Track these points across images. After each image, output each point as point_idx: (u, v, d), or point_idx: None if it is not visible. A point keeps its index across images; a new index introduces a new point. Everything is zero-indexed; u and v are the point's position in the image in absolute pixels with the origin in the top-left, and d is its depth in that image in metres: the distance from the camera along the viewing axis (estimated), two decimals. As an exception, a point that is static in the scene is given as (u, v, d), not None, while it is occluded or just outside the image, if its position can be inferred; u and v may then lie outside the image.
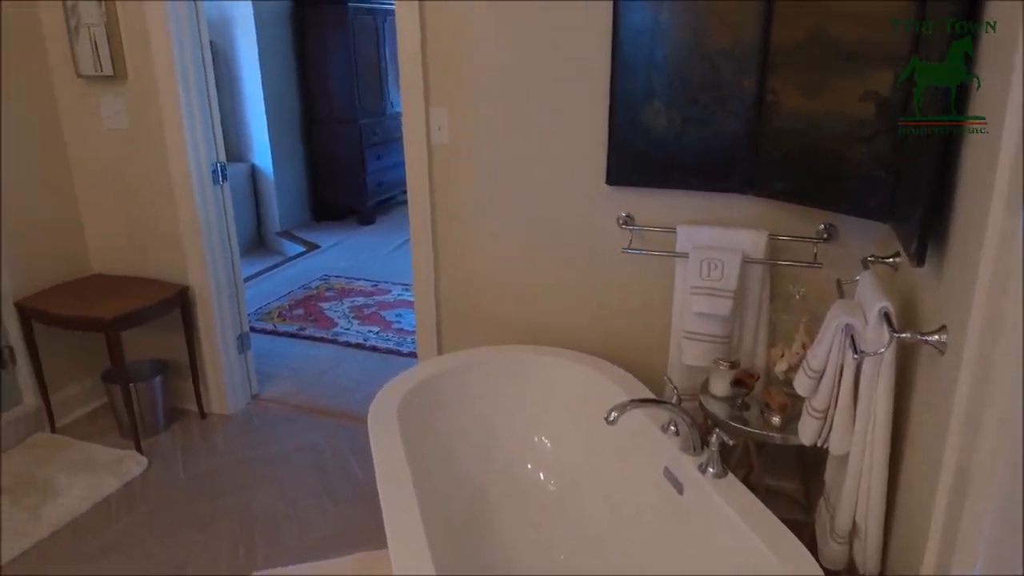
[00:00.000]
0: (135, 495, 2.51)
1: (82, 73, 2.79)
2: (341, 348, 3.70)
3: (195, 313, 2.90)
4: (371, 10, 5.82)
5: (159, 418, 2.88)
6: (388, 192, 6.30)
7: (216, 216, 2.90)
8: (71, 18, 2.74)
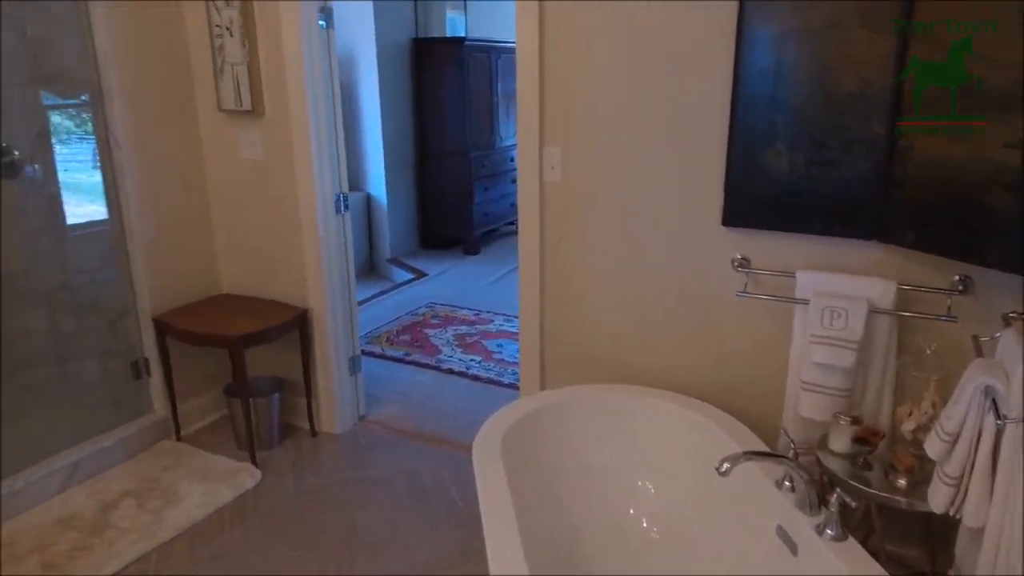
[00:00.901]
0: (248, 506, 2.63)
1: (224, 108, 3.02)
2: (444, 375, 3.77)
3: (312, 335, 3.04)
4: (486, 48, 6.02)
5: (273, 433, 3.03)
6: (493, 223, 6.43)
7: (336, 243, 3.05)
8: (217, 58, 2.99)
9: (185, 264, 3.11)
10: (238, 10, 2.85)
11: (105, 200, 3.10)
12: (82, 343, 3.32)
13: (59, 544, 2.38)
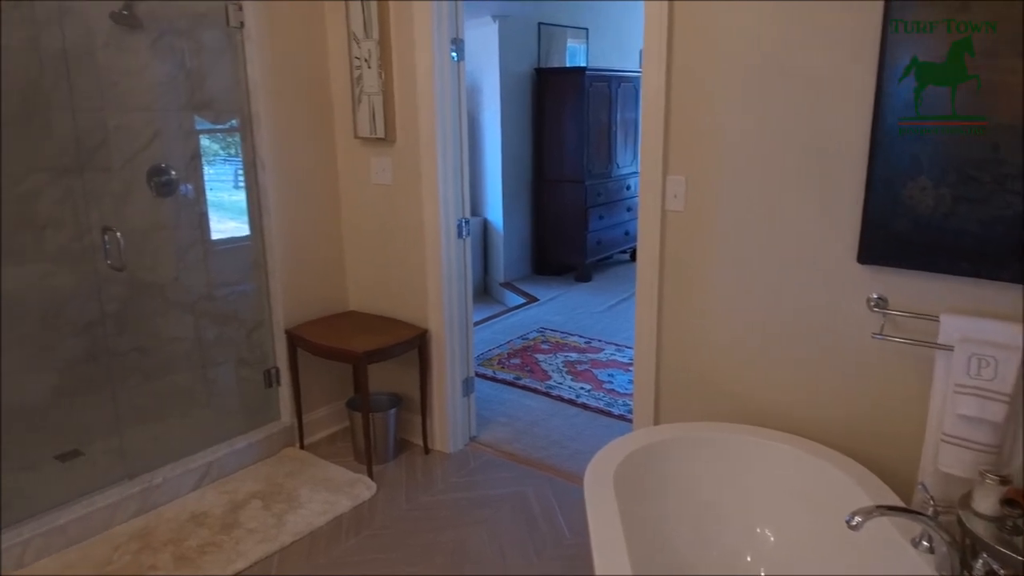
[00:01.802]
0: (363, 517, 2.73)
1: (359, 135, 3.19)
2: (553, 401, 3.77)
3: (430, 354, 3.14)
4: (606, 77, 6.05)
5: (389, 448, 3.13)
6: (607, 251, 6.41)
7: (457, 267, 3.13)
8: (356, 88, 3.17)
9: (316, 281, 3.29)
10: (376, 43, 3.02)
11: (248, 218, 3.34)
12: (221, 351, 3.57)
13: (191, 539, 2.55)
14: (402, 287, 3.22)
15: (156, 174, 3.45)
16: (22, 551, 2.39)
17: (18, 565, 2.38)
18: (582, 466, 3.03)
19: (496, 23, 5.61)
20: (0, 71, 3.13)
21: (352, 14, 3.07)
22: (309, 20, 3.13)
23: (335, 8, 3.13)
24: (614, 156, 6.30)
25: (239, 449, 3.03)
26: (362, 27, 3.05)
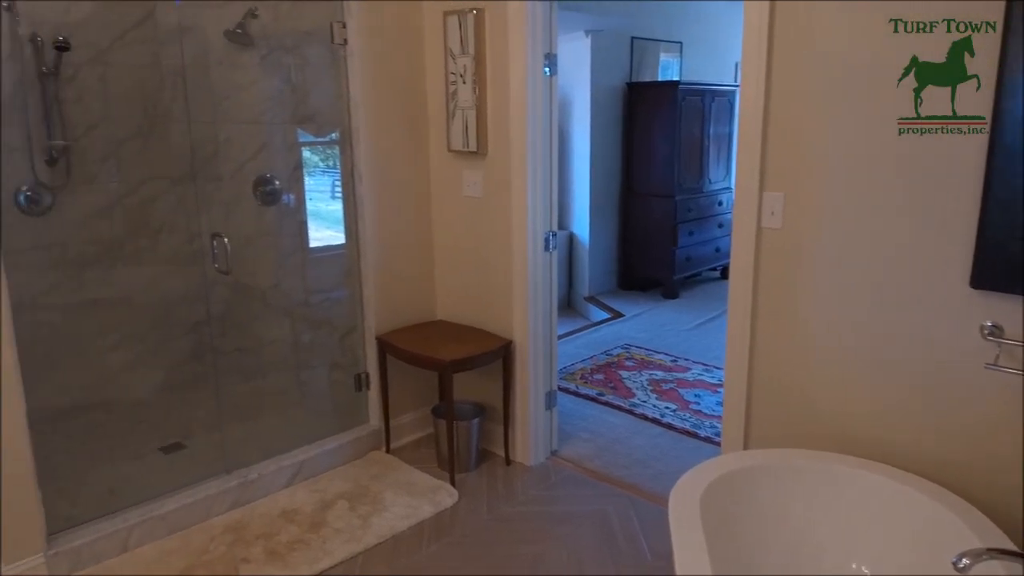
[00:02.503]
0: (444, 525, 2.76)
1: (452, 148, 3.26)
2: (637, 420, 3.71)
3: (514, 366, 3.15)
4: (700, 91, 5.95)
5: (472, 457, 3.16)
6: (695, 268, 6.27)
7: (543, 280, 3.14)
8: (450, 103, 3.24)
9: (407, 289, 3.37)
10: (472, 59, 3.08)
11: (344, 228, 3.47)
12: (315, 354, 3.72)
13: (281, 535, 2.65)
14: (488, 298, 3.25)
15: (262, 184, 3.63)
16: (127, 536, 2.54)
17: (123, 549, 2.53)
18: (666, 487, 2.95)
19: (588, 38, 5.62)
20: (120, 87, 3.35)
21: (449, 31, 3.15)
22: (408, 37, 3.23)
23: (434, 25, 3.22)
24: (706, 171, 6.18)
25: (329, 450, 3.13)
26: (459, 43, 3.12)
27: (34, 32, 3.13)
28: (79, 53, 3.26)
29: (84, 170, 3.34)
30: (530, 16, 2.90)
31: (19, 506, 2.32)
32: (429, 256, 3.45)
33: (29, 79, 3.14)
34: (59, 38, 3.16)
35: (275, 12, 3.44)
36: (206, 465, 2.95)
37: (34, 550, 2.36)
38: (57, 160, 3.24)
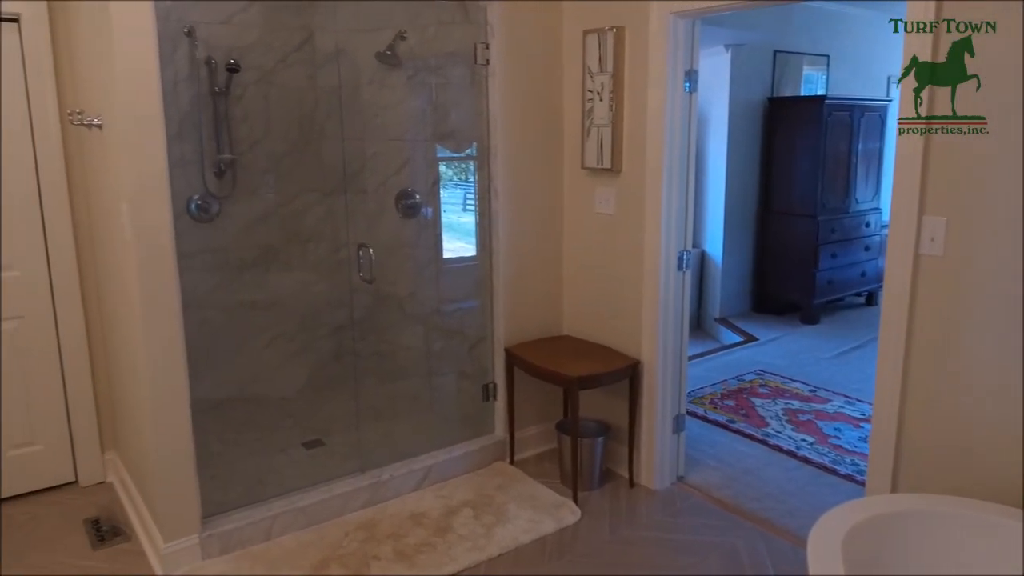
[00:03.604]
0: (566, 542, 2.75)
1: (586, 165, 3.26)
2: (770, 451, 3.53)
3: (641, 387, 3.10)
4: (848, 106, 5.63)
5: (595, 475, 3.13)
6: (838, 292, 5.91)
7: (675, 299, 3.07)
8: (586, 120, 3.25)
9: (536, 303, 3.41)
10: (610, 76, 3.08)
11: (475, 240, 3.56)
12: (445, 362, 3.83)
13: (410, 537, 2.74)
14: (617, 316, 3.22)
15: (403, 197, 3.81)
16: (270, 524, 2.72)
17: (266, 536, 2.71)
18: (801, 525, 2.81)
19: (729, 52, 5.46)
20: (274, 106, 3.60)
21: (588, 49, 3.17)
22: (547, 56, 3.27)
23: (572, 44, 3.25)
24: (852, 190, 5.82)
25: (455, 457, 3.21)
26: (597, 61, 3.13)
27: (209, 55, 3.46)
28: (247, 75, 3.57)
29: (247, 182, 3.65)
30: (672, 33, 2.87)
31: (180, 488, 2.54)
32: (558, 271, 3.47)
33: (203, 98, 3.47)
34: (230, 61, 3.48)
35: (422, 35, 3.61)
36: (342, 463, 3.10)
37: (190, 531, 2.57)
38: (224, 172, 3.56)
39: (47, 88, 2.91)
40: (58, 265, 3.03)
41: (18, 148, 2.91)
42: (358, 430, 3.23)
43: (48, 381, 3.08)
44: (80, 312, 3.10)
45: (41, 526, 2.88)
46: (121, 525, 2.87)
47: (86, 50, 2.73)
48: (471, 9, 3.20)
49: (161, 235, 2.41)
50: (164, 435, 2.49)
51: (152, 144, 2.37)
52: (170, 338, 2.46)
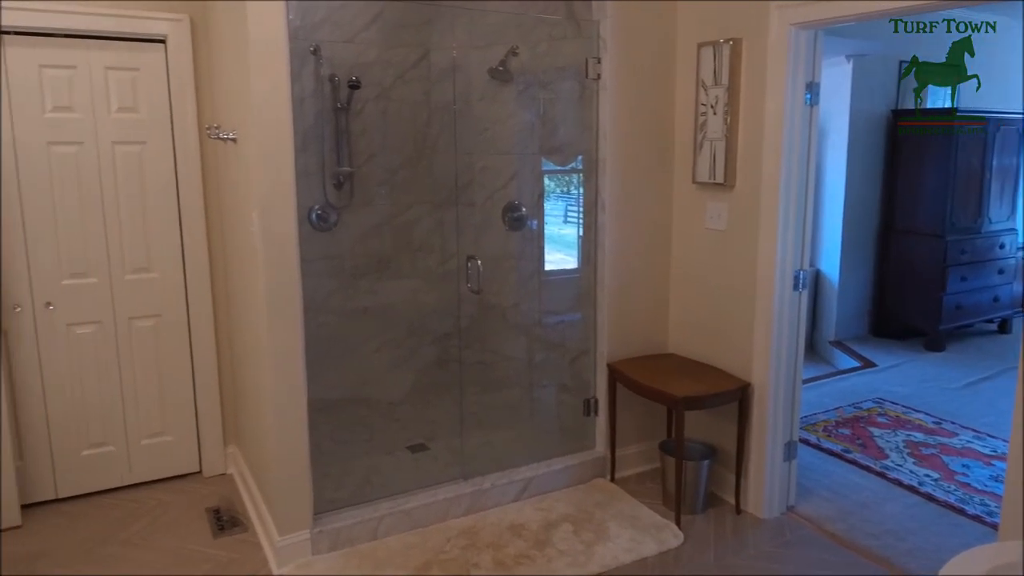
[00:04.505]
0: (668, 565, 2.68)
1: (697, 180, 3.20)
2: (889, 485, 3.32)
3: (751, 410, 2.99)
4: (983, 118, 5.24)
5: (699, 499, 3.04)
6: (967, 318, 5.50)
7: (789, 321, 2.95)
8: (698, 134, 3.18)
9: (640, 319, 3.36)
10: (725, 89, 3.01)
11: (577, 253, 3.55)
12: (546, 374, 3.84)
13: (509, 547, 2.75)
14: (726, 336, 3.12)
15: (510, 210, 3.86)
16: (377, 525, 2.80)
17: (372, 536, 2.79)
18: (924, 566, 2.63)
19: (850, 63, 5.21)
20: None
21: (703, 62, 3.11)
22: (659, 70, 3.24)
23: (686, 57, 3.20)
24: (985, 209, 5.41)
25: (555, 471, 3.20)
26: (711, 74, 3.07)
27: (333, 73, 3.65)
28: (366, 91, 3.74)
29: (363, 193, 3.81)
30: (792, 44, 2.77)
31: (295, 484, 2.66)
32: (665, 287, 3.41)
33: (326, 114, 3.65)
34: (352, 78, 3.65)
35: (533, 50, 3.66)
36: (445, 469, 3.16)
37: (303, 526, 2.69)
38: (343, 184, 3.73)
39: (188, 104, 3.15)
40: (192, 268, 3.25)
41: (161, 160, 3.16)
42: (461, 437, 3.28)
43: (180, 376, 3.32)
44: (210, 312, 3.32)
45: (167, 512, 3.08)
46: (240, 516, 3.03)
47: (224, 68, 2.94)
48: (584, 25, 3.21)
49: (287, 243, 2.55)
50: (283, 432, 2.62)
51: (282, 157, 2.51)
52: (291, 339, 2.59)
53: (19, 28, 2.85)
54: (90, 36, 2.96)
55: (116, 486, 3.25)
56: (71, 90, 2.97)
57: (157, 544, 2.83)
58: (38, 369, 3.05)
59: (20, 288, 2.98)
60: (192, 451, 3.39)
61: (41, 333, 3.04)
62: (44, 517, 3.03)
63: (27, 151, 2.93)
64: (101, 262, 3.10)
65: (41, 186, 2.96)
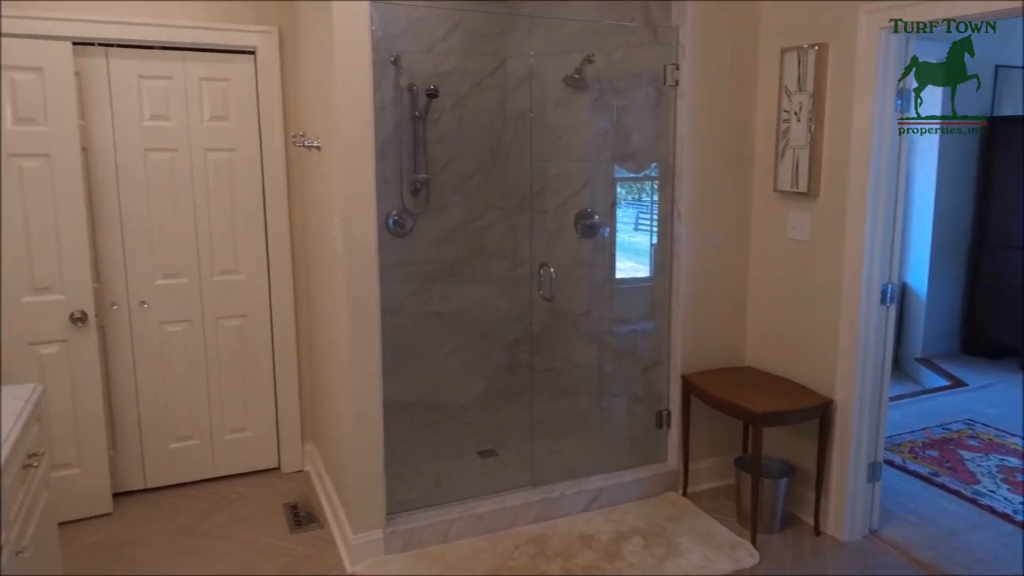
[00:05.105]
0: (741, 585, 2.61)
1: (778, 189, 3.11)
2: (981, 512, 3.14)
3: (834, 428, 2.88)
4: (1090, 125, 4.92)
5: (776, 518, 2.95)
6: (1067, 338, 5.16)
7: (876, 336, 2.83)
8: (780, 141, 3.10)
9: (716, 330, 3.28)
10: (810, 95, 2.92)
11: (649, 261, 3.50)
12: (616, 384, 3.80)
13: (578, 558, 2.73)
14: (807, 350, 3.02)
15: (583, 218, 3.85)
16: (447, 528, 2.83)
17: (443, 539, 2.82)
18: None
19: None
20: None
21: (786, 67, 3.03)
22: (740, 75, 3.17)
23: (769, 62, 3.12)
24: (1091, 222, 5.07)
25: (626, 482, 3.16)
26: (795, 80, 2.98)
27: (411, 82, 3.72)
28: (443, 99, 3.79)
29: (439, 200, 3.86)
30: (882, 49, 2.67)
31: (370, 484, 2.72)
32: (742, 299, 3.32)
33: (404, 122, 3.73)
34: (430, 87, 3.71)
35: (609, 57, 3.64)
36: (515, 475, 3.17)
37: (376, 525, 2.74)
38: (419, 191, 3.79)
39: (275, 113, 3.27)
40: (276, 271, 3.37)
41: (249, 167, 3.29)
42: (531, 444, 3.28)
43: (262, 375, 3.44)
44: (292, 314, 3.43)
45: (247, 505, 3.19)
46: (315, 513, 3.12)
47: (309, 78, 3.03)
48: (661, 31, 3.18)
49: (367, 248, 2.61)
50: (360, 432, 2.68)
51: (363, 165, 2.58)
52: (369, 341, 2.65)
53: (123, 41, 3.02)
54: (186, 48, 3.12)
55: (200, 478, 3.39)
56: (167, 99, 3.13)
57: (237, 536, 2.94)
58: (131, 364, 3.21)
59: (117, 287, 3.15)
60: (271, 447, 3.50)
61: (135, 330, 3.20)
62: (133, 505, 3.18)
63: (127, 157, 3.09)
64: (192, 263, 3.25)
65: (138, 190, 3.13)
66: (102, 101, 3.03)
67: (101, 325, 3.12)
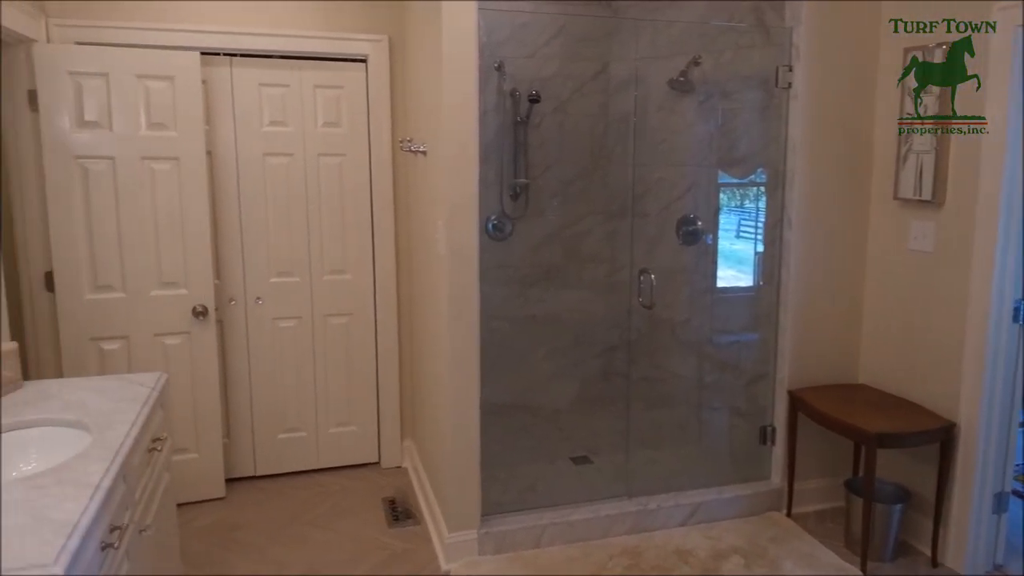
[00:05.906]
0: (849, 613, 2.47)
1: (899, 196, 2.93)
2: None
3: (956, 453, 2.68)
4: None
5: (888, 546, 2.78)
6: None
7: (1007, 356, 2.62)
8: (903, 146, 2.92)
9: (827, 345, 3.13)
10: (935, 97, 2.74)
11: (753, 270, 3.37)
12: (717, 396, 3.69)
13: (674, 572, 2.66)
14: (928, 369, 2.83)
15: (685, 224, 3.76)
16: (540, 533, 2.82)
17: (535, 544, 2.82)
18: None
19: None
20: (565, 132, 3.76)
21: (911, 67, 2.85)
22: (858, 77, 3.01)
23: (890, 63, 2.94)
24: None
25: (726, 499, 3.06)
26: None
27: (514, 88, 3.75)
28: (545, 104, 3.80)
29: (537, 204, 3.87)
30: (1018, 47, 2.47)
31: (466, 484, 2.75)
32: (857, 312, 3.15)
33: (506, 127, 3.76)
34: (532, 92, 3.73)
35: (717, 60, 3.55)
36: (609, 484, 3.13)
37: (471, 525, 2.77)
38: (519, 195, 3.82)
39: (384, 119, 3.37)
40: (381, 271, 3.48)
41: (358, 171, 3.41)
42: (626, 453, 3.23)
43: (365, 372, 3.55)
44: (395, 314, 3.53)
45: (348, 497, 3.30)
46: (412, 509, 3.19)
47: (417, 85, 3.11)
48: (774, 32, 3.06)
49: (469, 251, 2.65)
50: (458, 431, 2.72)
51: (467, 170, 2.62)
52: (469, 343, 2.69)
53: (245, 51, 3.20)
54: (302, 57, 3.26)
55: (305, 469, 3.53)
56: (284, 106, 3.29)
57: (338, 527, 3.04)
58: (246, 357, 3.39)
59: (236, 284, 3.34)
60: (372, 442, 3.61)
61: (251, 325, 3.38)
62: (244, 491, 3.35)
63: (247, 161, 3.27)
64: (303, 263, 3.40)
65: (257, 193, 3.30)
66: (225, 108, 3.22)
67: (220, 319, 3.31)
